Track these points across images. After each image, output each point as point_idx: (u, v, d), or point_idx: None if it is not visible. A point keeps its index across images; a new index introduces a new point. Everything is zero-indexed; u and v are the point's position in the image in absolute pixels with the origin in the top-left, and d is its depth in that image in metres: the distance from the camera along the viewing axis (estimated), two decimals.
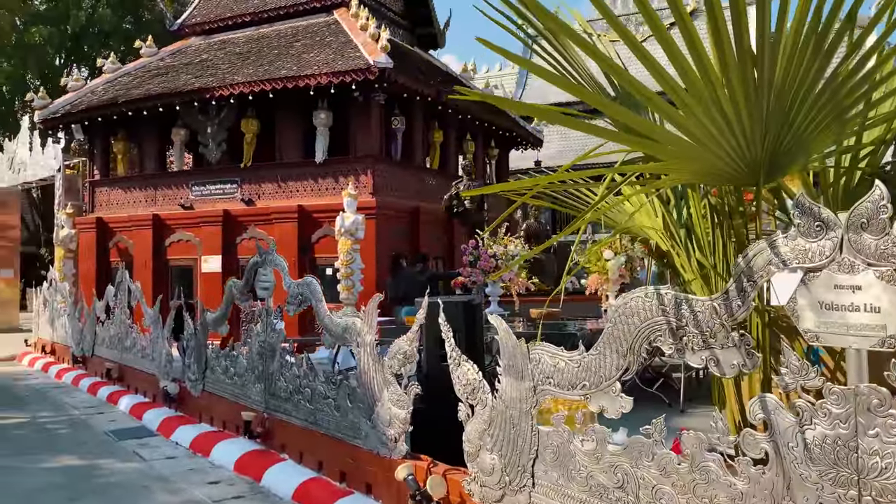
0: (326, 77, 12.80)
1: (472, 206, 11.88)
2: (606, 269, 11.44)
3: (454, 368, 4.40)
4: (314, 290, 5.93)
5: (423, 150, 15.63)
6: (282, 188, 14.29)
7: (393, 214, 13.84)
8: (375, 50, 12.80)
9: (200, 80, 14.52)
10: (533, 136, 19.48)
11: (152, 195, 15.77)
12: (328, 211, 13.52)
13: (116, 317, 10.84)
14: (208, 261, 14.71)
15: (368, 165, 13.48)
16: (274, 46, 15.23)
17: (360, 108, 13.57)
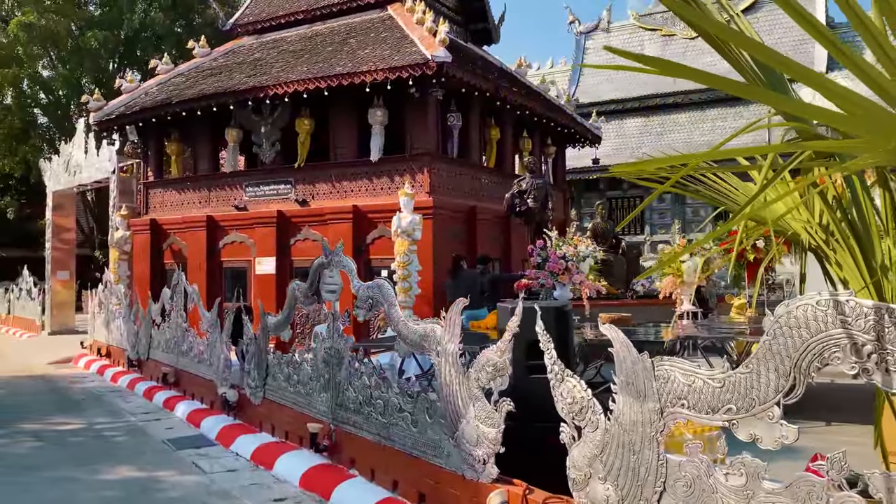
0: (383, 73, 12.40)
1: (535, 204, 11.32)
2: (681, 272, 10.81)
3: (556, 384, 3.89)
4: (386, 293, 5.49)
5: (480, 147, 15.14)
6: (336, 188, 13.95)
7: (449, 214, 13.38)
8: (433, 44, 12.35)
9: (254, 78, 14.29)
10: (591, 133, 18.81)
11: (206, 196, 15.62)
12: (383, 211, 13.14)
13: (173, 320, 10.61)
14: (262, 262, 14.46)
15: (425, 164, 13.04)
16: (328, 44, 14.92)
17: (417, 105, 13.14)
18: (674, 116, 25.39)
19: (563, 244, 9.51)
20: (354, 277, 5.89)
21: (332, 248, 6.40)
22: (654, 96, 25.76)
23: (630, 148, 24.88)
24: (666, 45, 27.04)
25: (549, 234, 9.59)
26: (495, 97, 14.17)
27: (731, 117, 24.33)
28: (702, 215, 24.06)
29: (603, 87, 26.75)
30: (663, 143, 24.72)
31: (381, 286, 5.54)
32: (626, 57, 2.21)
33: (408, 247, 12.07)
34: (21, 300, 22.29)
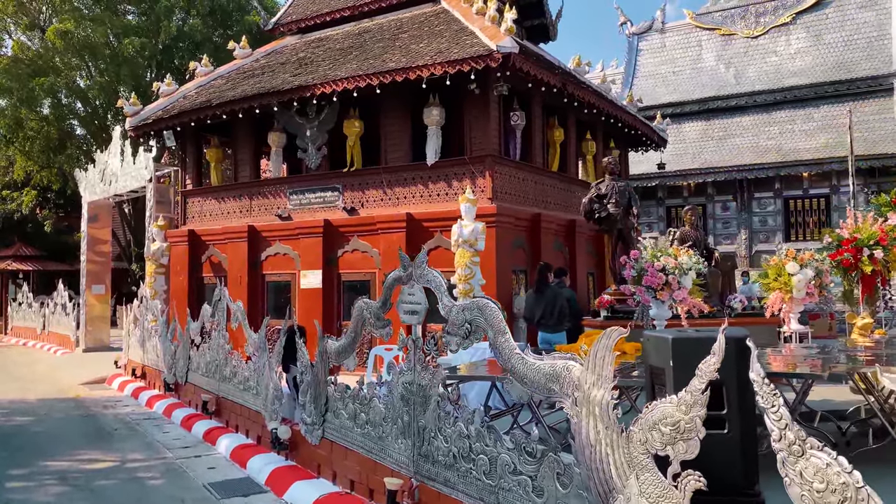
0: (441, 67, 11.25)
1: (617, 210, 10.03)
2: (790, 286, 9.41)
3: (790, 459, 2.61)
4: (491, 317, 4.25)
5: (543, 150, 13.89)
6: (388, 195, 12.81)
7: (513, 223, 12.15)
8: (497, 34, 11.18)
9: (299, 77, 13.27)
10: (658, 136, 17.45)
11: (247, 205, 14.62)
12: (440, 219, 11.99)
13: (214, 340, 9.51)
14: (307, 276, 13.38)
15: (487, 167, 11.84)
16: (378, 40, 13.85)
17: (477, 103, 11.97)
18: (737, 119, 23.84)
19: (660, 255, 8.19)
20: (445, 295, 4.67)
21: (410, 257, 5.20)
22: (714, 98, 24.27)
23: (690, 153, 23.41)
24: (726, 45, 25.54)
25: (644, 242, 8.29)
26: (561, 94, 12.93)
27: (800, 119, 22.73)
28: (770, 224, 22.44)
29: (658, 90, 25.35)
30: (726, 148, 23.23)
31: (483, 307, 4.31)
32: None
33: (470, 258, 10.90)
34: (56, 315, 21.55)
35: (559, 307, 8.90)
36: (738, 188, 22.65)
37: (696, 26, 26.48)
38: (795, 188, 22.14)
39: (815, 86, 22.73)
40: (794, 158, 21.37)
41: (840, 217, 21.71)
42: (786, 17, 24.65)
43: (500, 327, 4.20)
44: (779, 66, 24.01)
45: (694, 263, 8.31)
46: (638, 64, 27.03)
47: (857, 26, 23.29)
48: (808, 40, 24.01)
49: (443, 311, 4.67)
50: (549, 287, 9.08)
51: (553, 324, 8.83)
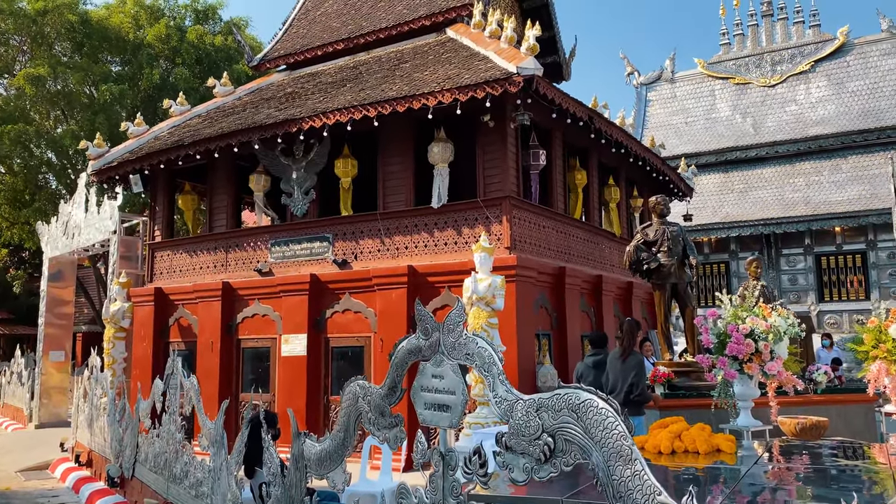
0: (451, 94, 9.52)
1: (669, 260, 8.13)
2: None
3: None
4: (599, 426, 2.28)
5: (565, 194, 12.08)
6: (386, 245, 10.90)
7: (535, 277, 10.22)
8: (517, 55, 9.50)
9: (285, 112, 11.52)
10: (684, 184, 15.74)
11: (222, 259, 12.65)
12: (448, 273, 10.07)
13: (164, 427, 7.41)
14: (290, 341, 11.32)
15: (504, 211, 9.99)
16: (375, 70, 12.19)
17: (492, 137, 10.21)
18: (759, 171, 22.25)
19: (746, 314, 6.25)
20: (498, 380, 2.69)
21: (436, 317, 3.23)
22: (733, 149, 22.74)
23: (711, 207, 21.70)
24: (741, 94, 24.19)
25: (724, 299, 6.35)
26: (585, 131, 11.21)
27: (827, 170, 21.15)
28: (801, 283, 20.56)
29: (671, 140, 23.82)
30: (748, 201, 21.56)
31: (580, 407, 2.34)
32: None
33: (486, 319, 8.95)
34: (12, 385, 19.25)
35: (641, 382, 6.88)
36: (764, 244, 20.88)
37: (708, 75, 25.21)
38: (828, 244, 20.37)
39: (842, 135, 21.25)
40: (825, 211, 19.67)
41: (879, 274, 20.03)
42: (804, 65, 23.39)
43: (621, 448, 2.22)
44: (800, 115, 22.61)
45: (789, 326, 6.35)
46: (648, 114, 25.64)
47: (881, 74, 22.00)
48: (829, 88, 22.68)
49: (497, 406, 2.69)
50: (634, 353, 7.06)
51: (623, 402, 6.81)
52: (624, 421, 2.18)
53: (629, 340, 7.02)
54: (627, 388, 6.75)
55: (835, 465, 5.09)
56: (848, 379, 9.45)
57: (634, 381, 6.80)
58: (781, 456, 5.50)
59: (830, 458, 5.42)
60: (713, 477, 4.65)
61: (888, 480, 4.46)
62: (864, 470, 5.03)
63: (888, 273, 19.34)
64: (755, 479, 4.58)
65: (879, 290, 19.12)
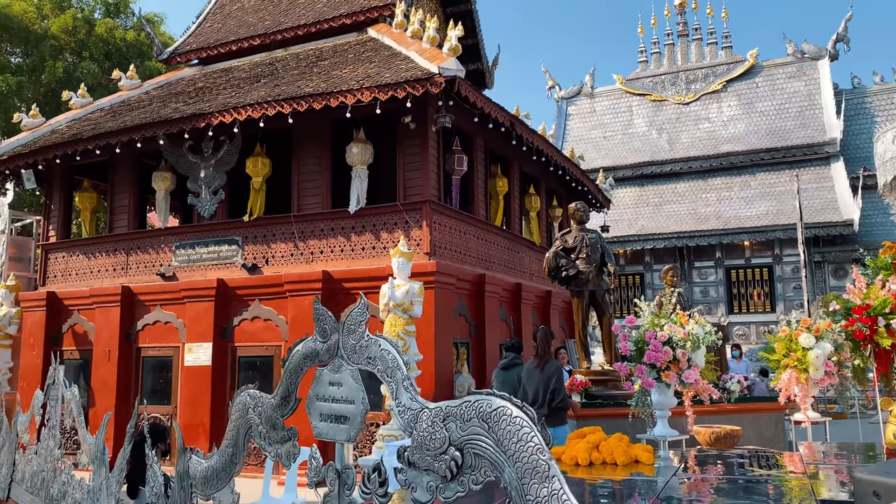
0: (370, 93, 9.18)
1: (588, 267, 8.03)
2: (806, 363, 7.53)
3: None
4: (512, 438, 2.00)
5: (486, 201, 11.90)
6: (300, 249, 10.43)
7: (454, 284, 9.96)
8: (439, 55, 9.26)
9: (194, 106, 10.90)
10: (602, 195, 15.89)
11: (123, 262, 11.84)
12: (365, 279, 9.70)
13: (43, 442, 6.71)
14: (194, 350, 10.65)
15: (424, 215, 9.70)
16: (292, 67, 11.72)
17: (413, 139, 9.93)
18: (673, 186, 22.86)
19: (664, 322, 6.16)
20: (403, 386, 2.37)
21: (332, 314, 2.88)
22: (649, 164, 23.31)
23: (627, 219, 22.11)
24: (658, 110, 24.86)
25: (642, 306, 6.24)
26: (507, 137, 11.09)
27: (737, 187, 21.93)
28: (712, 295, 21.16)
29: (590, 154, 24.18)
30: (663, 215, 22.09)
31: (492, 416, 2.04)
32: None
33: (404, 326, 8.62)
34: None
35: (562, 389, 6.70)
36: (677, 256, 21.42)
37: (626, 91, 25.81)
38: (737, 257, 21.08)
39: (751, 153, 22.11)
40: (735, 226, 20.36)
41: (784, 287, 20.85)
42: (717, 84, 24.26)
43: (536, 463, 1.94)
44: (712, 132, 23.40)
45: (706, 334, 6.31)
46: (568, 128, 26.01)
47: (787, 95, 23.04)
48: (740, 108, 23.59)
49: (400, 416, 2.38)
50: (551, 361, 6.86)
51: (548, 413, 6.63)
52: (541, 431, 1.89)
53: (544, 349, 6.85)
54: (549, 396, 6.56)
55: (749, 476, 5.01)
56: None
57: (556, 387, 6.62)
58: (697, 466, 5.39)
59: (744, 468, 5.35)
60: (631, 489, 4.47)
61: (800, 490, 4.38)
62: (776, 479, 4.96)
63: (792, 286, 20.15)
64: (672, 492, 4.42)
65: (784, 303, 19.88)
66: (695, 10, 25.86)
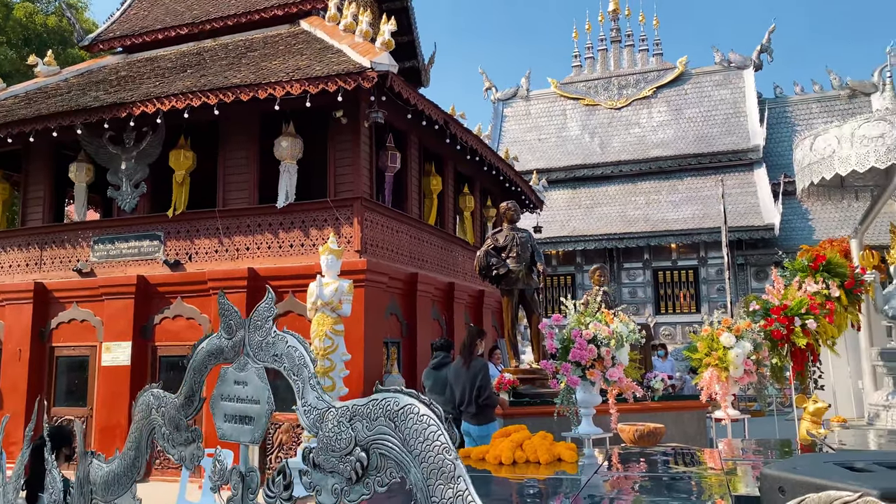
0: (300, 86, 8.97)
1: (518, 266, 8.04)
2: (726, 362, 7.72)
3: None
4: (419, 437, 1.91)
5: (420, 200, 11.82)
6: (225, 245, 10.11)
7: (385, 283, 9.84)
8: (371, 49, 9.13)
9: (115, 95, 10.44)
10: (536, 196, 16.03)
11: (36, 257, 11.24)
12: (293, 277, 9.49)
13: None
14: (112, 349, 10.20)
15: (355, 212, 9.54)
16: (220, 58, 11.37)
17: (345, 134, 9.76)
18: (604, 189, 23.29)
19: (589, 320, 6.20)
20: (309, 385, 2.26)
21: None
22: (581, 167, 23.68)
23: (559, 221, 22.40)
24: (590, 114, 25.29)
25: (569, 304, 6.27)
26: (441, 135, 11.04)
27: (665, 190, 22.50)
28: (640, 296, 21.65)
29: (525, 156, 24.41)
30: (594, 217, 22.48)
31: (400, 414, 1.95)
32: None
33: (332, 325, 8.43)
34: None
35: (488, 385, 6.66)
36: (607, 257, 21.83)
37: (560, 95, 26.17)
38: (664, 259, 21.63)
39: (679, 158, 22.73)
40: (663, 229, 20.89)
41: (709, 289, 21.52)
42: (647, 90, 24.85)
43: (442, 463, 1.86)
44: (642, 137, 23.96)
45: (630, 332, 6.38)
46: (504, 129, 26.19)
47: (714, 103, 23.79)
48: (669, 114, 24.23)
49: (305, 416, 2.27)
50: (476, 359, 6.82)
51: (475, 412, 6.59)
52: (448, 430, 1.81)
53: (470, 347, 6.82)
54: (476, 393, 6.52)
55: (670, 473, 5.07)
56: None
57: (481, 384, 6.59)
58: (621, 464, 5.43)
59: (666, 465, 5.41)
60: (554, 488, 4.46)
61: (718, 486, 4.45)
62: (695, 476, 5.04)
63: (716, 288, 20.79)
64: (595, 490, 4.43)
65: (708, 304, 20.49)
66: (627, 16, 26.46)
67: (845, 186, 12.52)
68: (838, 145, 10.44)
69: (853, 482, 1.49)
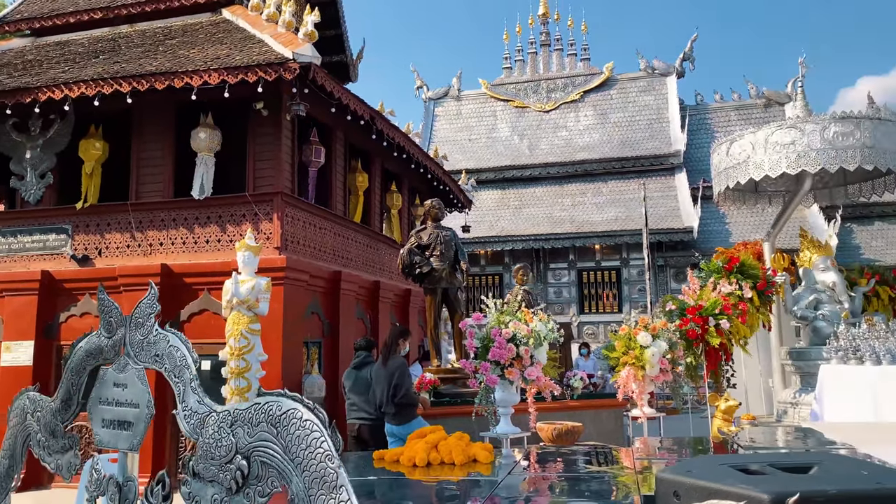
0: (219, 75, 8.65)
1: (442, 265, 7.96)
2: (643, 360, 7.86)
3: None
4: (301, 445, 1.78)
5: (345, 196, 11.60)
6: (137, 240, 9.66)
7: (307, 281, 9.60)
8: (294, 40, 8.88)
9: (19, 80, 9.83)
10: (464, 196, 16.02)
11: None
12: (209, 273, 9.15)
13: None
14: (13, 349, 9.60)
15: (275, 208, 9.27)
16: (137, 44, 10.87)
17: (266, 127, 9.47)
18: (532, 190, 23.53)
19: (509, 319, 6.17)
20: (191, 388, 2.09)
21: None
22: (510, 168, 23.86)
23: (488, 221, 22.50)
24: (520, 116, 25.52)
25: (489, 303, 6.23)
26: (367, 131, 10.86)
27: (590, 193, 22.92)
28: (565, 296, 21.98)
29: (455, 156, 24.43)
30: (522, 217, 22.68)
31: (283, 419, 1.82)
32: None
33: (247, 324, 8.15)
34: None
35: (405, 383, 6.54)
36: (534, 258, 22.06)
37: (491, 96, 26.31)
38: (588, 260, 22.02)
39: (604, 161, 23.19)
40: (587, 230, 21.26)
41: (630, 289, 22.04)
42: (575, 94, 25.25)
43: (324, 472, 1.73)
44: (569, 140, 24.33)
45: (549, 331, 6.39)
46: (435, 129, 26.15)
47: (638, 108, 24.38)
48: (595, 118, 24.69)
49: (185, 422, 2.10)
50: (395, 358, 6.70)
51: (394, 411, 6.47)
52: (331, 436, 1.69)
53: (391, 347, 6.71)
54: (392, 392, 6.41)
55: (586, 472, 5.08)
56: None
57: (398, 382, 6.48)
58: (538, 463, 5.42)
59: (582, 464, 5.42)
60: (468, 489, 4.39)
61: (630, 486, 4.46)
62: (609, 475, 5.06)
63: (637, 288, 21.30)
64: (510, 490, 4.38)
65: (630, 304, 20.95)
66: (556, 20, 26.82)
67: (759, 191, 13.02)
68: (753, 151, 10.84)
69: (746, 486, 1.44)
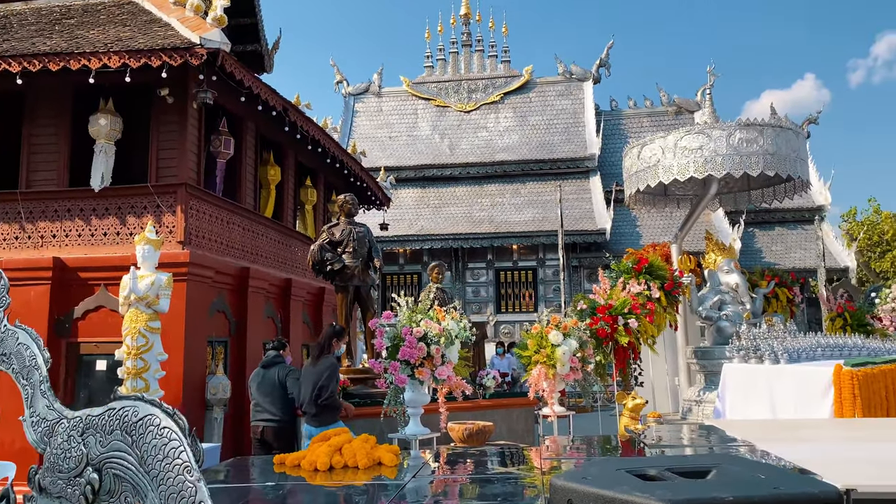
0: (119, 58, 8.15)
1: (354, 262, 7.74)
2: (554, 359, 7.89)
3: None
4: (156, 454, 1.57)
5: (255, 190, 11.20)
6: (27, 231, 9.01)
7: (212, 277, 9.19)
8: (202, 24, 8.47)
9: None
10: (383, 193, 15.79)
11: None
12: (107, 268, 8.63)
13: None
14: None
15: (179, 200, 8.82)
16: (31, 23, 10.15)
17: (170, 115, 9.00)
18: (452, 189, 23.55)
19: (420, 317, 6.03)
20: (44, 392, 1.85)
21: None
22: (431, 167, 23.80)
23: (408, 220, 22.37)
24: (441, 116, 25.51)
25: (400, 301, 6.07)
26: (280, 122, 10.52)
27: (509, 193, 23.13)
28: (482, 295, 22.10)
29: (375, 153, 24.20)
30: (441, 216, 22.67)
31: (138, 426, 1.61)
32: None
33: (146, 322, 7.74)
34: None
35: (331, 385, 6.29)
36: (453, 257, 22.08)
37: (412, 94, 26.18)
38: (506, 260, 22.21)
39: (522, 163, 23.45)
40: (505, 230, 21.44)
41: (546, 289, 22.37)
42: (495, 96, 25.44)
43: (182, 486, 1.53)
44: (489, 141, 24.49)
45: (461, 329, 6.28)
46: (354, 125, 25.80)
47: (556, 112, 24.78)
48: (514, 120, 24.94)
49: (32, 430, 1.86)
50: (326, 358, 6.43)
51: (315, 412, 6.22)
52: (191, 445, 1.50)
53: (324, 346, 6.47)
54: (316, 393, 6.17)
55: (494, 473, 5.00)
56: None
57: (324, 383, 6.25)
58: (446, 465, 5.31)
59: (491, 465, 5.34)
60: (371, 494, 4.23)
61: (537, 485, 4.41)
62: (519, 476, 5.00)
63: (553, 288, 21.64)
64: (414, 494, 4.24)
65: (545, 303, 21.27)
66: (478, 21, 26.98)
67: (669, 195, 13.40)
68: (663, 155, 11.11)
69: (641, 494, 1.35)
